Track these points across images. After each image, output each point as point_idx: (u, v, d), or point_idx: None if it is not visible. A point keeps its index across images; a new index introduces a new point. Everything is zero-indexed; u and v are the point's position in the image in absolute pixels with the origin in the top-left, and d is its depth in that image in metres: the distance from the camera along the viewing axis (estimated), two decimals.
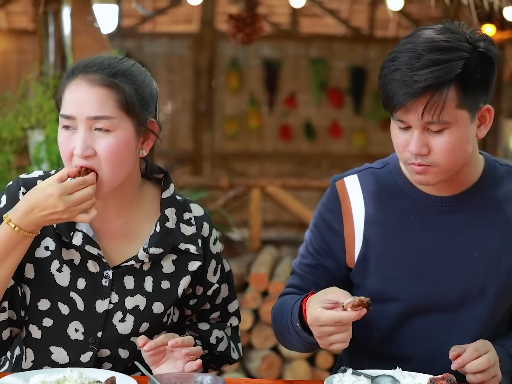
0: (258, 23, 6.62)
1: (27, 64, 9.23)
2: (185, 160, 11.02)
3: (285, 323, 2.02)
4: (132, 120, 1.90)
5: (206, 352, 2.03)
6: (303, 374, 5.23)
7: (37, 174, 2.01)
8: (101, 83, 1.87)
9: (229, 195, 7.71)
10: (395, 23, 10.96)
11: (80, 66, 1.91)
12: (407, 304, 2.02)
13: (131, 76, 1.91)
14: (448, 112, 1.86)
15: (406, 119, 1.88)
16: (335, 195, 2.08)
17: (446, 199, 2.02)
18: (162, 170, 2.06)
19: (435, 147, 1.89)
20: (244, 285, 5.73)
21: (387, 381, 1.83)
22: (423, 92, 1.83)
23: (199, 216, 2.05)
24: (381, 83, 1.90)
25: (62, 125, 1.89)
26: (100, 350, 1.95)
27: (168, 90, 10.83)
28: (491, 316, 2.02)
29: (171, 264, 1.98)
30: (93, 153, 1.86)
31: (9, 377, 1.79)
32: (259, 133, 11.23)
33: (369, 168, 2.12)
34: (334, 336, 1.81)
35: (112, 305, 1.95)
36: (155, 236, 1.96)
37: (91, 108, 1.86)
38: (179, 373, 1.74)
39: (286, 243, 7.53)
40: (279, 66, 11.11)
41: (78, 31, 5.15)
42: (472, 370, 1.85)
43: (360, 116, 11.14)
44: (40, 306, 1.94)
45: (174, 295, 1.98)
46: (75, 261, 1.95)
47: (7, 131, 4.88)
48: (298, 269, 2.14)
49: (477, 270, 2.00)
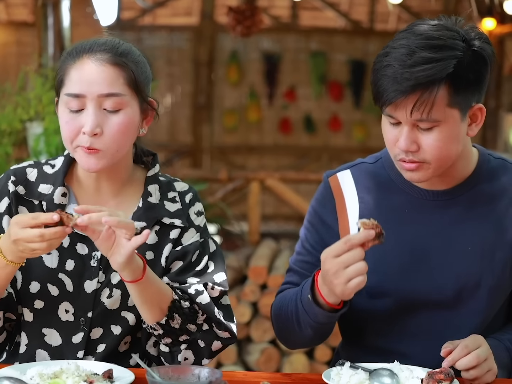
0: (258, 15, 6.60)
1: (26, 56, 9.22)
2: (184, 153, 11.02)
3: (291, 311, 2.00)
4: (137, 98, 1.95)
5: (187, 305, 1.94)
6: (301, 367, 5.24)
7: (27, 163, 2.05)
8: (110, 62, 1.91)
9: (228, 188, 7.70)
10: (395, 17, 10.95)
11: (83, 46, 1.94)
12: (401, 299, 2.01)
13: (134, 56, 1.96)
14: (437, 111, 1.84)
15: (395, 115, 1.88)
16: (329, 191, 2.07)
17: (439, 193, 2.01)
18: (151, 153, 2.10)
19: (424, 144, 1.88)
20: (243, 278, 5.73)
21: (385, 374, 1.83)
22: (413, 90, 1.82)
23: (183, 191, 2.07)
24: (373, 78, 1.89)
25: (67, 105, 1.91)
26: (92, 331, 1.97)
27: (167, 83, 10.82)
28: (486, 310, 2.02)
29: (154, 235, 2.00)
30: (100, 131, 1.89)
31: (6, 370, 1.79)
32: (258, 126, 11.23)
33: (362, 163, 2.11)
34: (350, 268, 1.78)
35: (100, 284, 1.97)
36: (138, 211, 2.00)
37: (102, 86, 1.89)
38: (176, 366, 1.74)
39: (285, 236, 7.54)
40: (279, 59, 11.10)
41: (77, 23, 5.15)
42: (462, 367, 1.85)
43: (360, 110, 11.13)
44: (31, 289, 1.97)
45: (158, 265, 1.99)
46: (64, 243, 1.97)
47: (6, 123, 4.87)
48: (296, 266, 2.12)
49: (471, 264, 1.99)
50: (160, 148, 11.16)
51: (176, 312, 1.92)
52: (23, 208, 1.99)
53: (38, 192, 1.99)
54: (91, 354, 1.98)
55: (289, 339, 2.12)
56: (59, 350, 1.97)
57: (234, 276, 5.65)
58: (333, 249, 1.81)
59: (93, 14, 5.12)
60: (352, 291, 1.81)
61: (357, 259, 1.79)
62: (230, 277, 5.37)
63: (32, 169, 2.03)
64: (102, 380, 1.75)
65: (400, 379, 1.83)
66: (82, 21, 5.08)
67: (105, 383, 1.74)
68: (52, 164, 2.05)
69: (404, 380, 1.83)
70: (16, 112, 4.90)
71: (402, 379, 1.83)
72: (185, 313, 1.93)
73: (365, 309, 2.06)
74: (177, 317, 1.92)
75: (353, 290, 1.81)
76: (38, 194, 1.99)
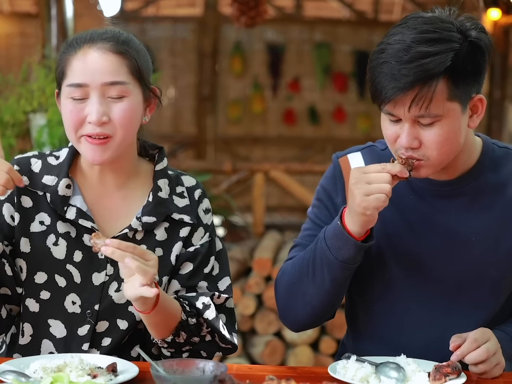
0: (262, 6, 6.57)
1: (29, 47, 9.21)
2: (188, 144, 11.01)
3: (307, 259, 1.96)
4: (141, 85, 1.94)
5: (194, 322, 1.94)
6: (306, 360, 5.23)
7: (31, 154, 2.05)
8: (113, 50, 1.90)
9: (232, 179, 7.69)
10: (400, 7, 10.91)
11: (83, 37, 1.94)
12: (402, 286, 2.00)
13: (135, 44, 1.96)
14: (437, 105, 1.82)
15: (394, 112, 1.86)
16: (338, 171, 2.08)
17: (444, 183, 2.00)
18: (157, 146, 2.09)
19: (426, 140, 1.85)
20: (247, 270, 5.72)
21: (391, 368, 1.82)
22: (412, 86, 1.80)
23: (190, 186, 2.07)
24: (370, 76, 1.87)
25: (70, 95, 1.90)
26: (98, 323, 1.96)
27: (171, 74, 10.80)
28: (490, 303, 2.00)
29: (164, 232, 2.00)
30: (107, 119, 1.89)
31: (9, 363, 1.78)
32: (262, 118, 11.21)
33: (372, 146, 2.11)
34: (373, 185, 1.80)
35: (108, 277, 1.97)
36: (148, 205, 1.99)
37: (106, 74, 1.89)
38: (181, 360, 1.73)
39: (290, 227, 7.52)
40: (283, 50, 11.07)
41: (80, 14, 5.13)
42: (471, 361, 1.84)
43: (364, 101, 11.10)
44: (37, 279, 1.96)
45: (168, 262, 1.99)
46: (72, 234, 1.97)
47: (9, 114, 4.86)
48: (303, 240, 2.10)
49: (474, 255, 1.98)
50: (164, 140, 11.16)
51: (182, 330, 1.92)
52: (26, 198, 1.98)
53: (42, 183, 1.99)
54: (96, 347, 1.97)
55: (296, 306, 2.01)
56: (63, 341, 1.96)
57: (239, 268, 5.64)
58: (366, 166, 1.84)
59: (96, 5, 5.10)
60: (370, 204, 1.80)
61: (382, 181, 1.81)
62: (234, 269, 5.36)
63: (37, 160, 2.02)
64: (106, 374, 1.74)
65: (406, 372, 1.82)
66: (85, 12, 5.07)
67: (109, 376, 1.73)
68: (56, 155, 2.04)
69: (411, 373, 1.82)
70: (19, 103, 4.89)
71: (409, 373, 1.82)
72: (191, 329, 1.93)
73: (364, 296, 2.05)
74: (183, 334, 1.92)
75: (371, 203, 1.80)
76: (42, 185, 1.99)
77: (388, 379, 1.79)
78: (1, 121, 4.87)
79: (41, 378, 1.71)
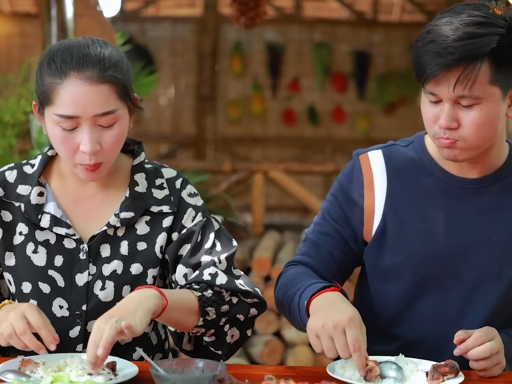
0: (262, 6, 6.56)
1: (29, 47, 9.21)
2: (188, 144, 11.00)
3: (288, 300, 2.00)
4: (127, 103, 1.94)
5: (211, 292, 1.92)
6: (306, 360, 5.24)
7: (6, 167, 2.05)
8: (101, 79, 1.87)
9: (232, 179, 7.69)
10: (399, 7, 10.91)
11: (67, 60, 1.87)
12: (419, 283, 2.02)
13: (120, 63, 1.92)
14: (479, 87, 1.86)
15: (437, 91, 1.88)
16: (358, 167, 2.09)
17: (469, 181, 2.02)
18: (135, 141, 2.09)
19: (465, 121, 1.89)
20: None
21: (391, 367, 1.82)
22: (457, 63, 1.84)
23: (171, 177, 2.07)
24: (415, 54, 1.90)
25: (60, 124, 1.89)
26: (88, 324, 1.97)
27: (171, 74, 10.80)
28: (503, 303, 2.02)
29: (145, 226, 2.00)
30: (99, 148, 1.89)
31: (9, 362, 1.78)
32: (262, 118, 11.21)
33: (394, 144, 2.12)
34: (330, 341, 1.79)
35: (91, 276, 1.97)
36: (126, 201, 1.99)
37: (97, 106, 1.86)
38: (180, 359, 1.74)
39: (289, 228, 7.52)
40: (283, 50, 11.08)
41: (80, 14, 5.12)
42: (474, 356, 1.85)
43: (364, 101, 11.11)
44: (24, 290, 1.98)
45: (152, 255, 1.99)
46: (51, 240, 1.98)
47: (9, 115, 4.86)
48: (313, 236, 2.12)
49: (494, 255, 2.00)
50: (163, 140, 11.17)
51: (206, 306, 1.91)
52: (5, 213, 1.99)
53: (17, 194, 2.00)
54: None
55: (286, 315, 2.10)
56: (57, 346, 1.95)
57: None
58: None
59: (96, 5, 5.10)
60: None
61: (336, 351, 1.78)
62: None
63: (11, 171, 2.03)
64: (105, 368, 1.74)
65: (405, 372, 1.82)
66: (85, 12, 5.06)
67: (108, 376, 1.74)
68: (32, 163, 2.05)
69: (409, 373, 1.82)
70: (19, 103, 4.89)
71: (407, 372, 1.82)
72: (213, 300, 1.92)
73: (378, 294, 2.06)
74: (210, 309, 1.91)
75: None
76: (17, 195, 1.99)
77: (387, 378, 1.79)
78: (1, 121, 4.87)
79: (41, 377, 1.72)
